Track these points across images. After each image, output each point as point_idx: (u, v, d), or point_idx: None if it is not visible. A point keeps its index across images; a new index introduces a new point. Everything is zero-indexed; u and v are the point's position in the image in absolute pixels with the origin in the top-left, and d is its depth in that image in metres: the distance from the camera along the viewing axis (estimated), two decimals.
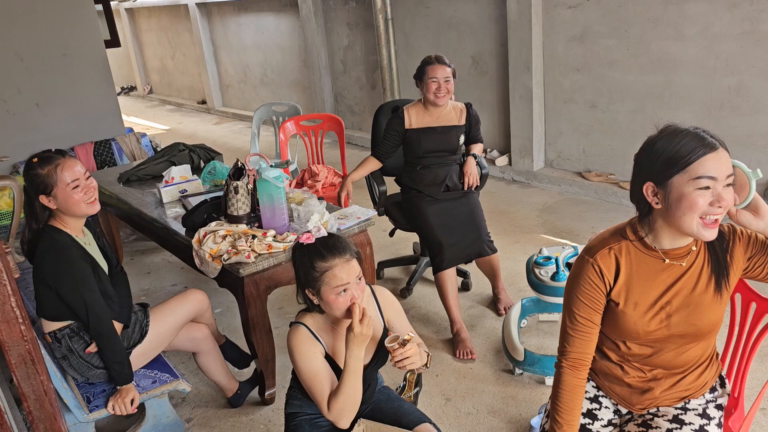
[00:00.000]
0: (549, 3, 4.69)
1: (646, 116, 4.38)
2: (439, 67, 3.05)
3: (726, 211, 1.38)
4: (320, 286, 1.70)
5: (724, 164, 1.35)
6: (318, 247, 1.71)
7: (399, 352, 1.69)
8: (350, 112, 7.18)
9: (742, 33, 3.77)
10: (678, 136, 1.39)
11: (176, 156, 3.66)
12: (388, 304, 1.94)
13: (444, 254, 2.98)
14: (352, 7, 6.50)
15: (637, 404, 1.64)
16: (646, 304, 1.52)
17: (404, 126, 3.17)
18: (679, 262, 1.50)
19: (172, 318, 2.42)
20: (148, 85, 11.44)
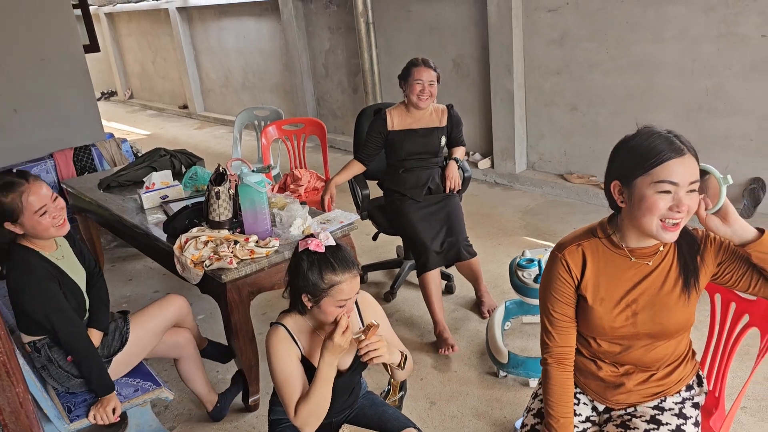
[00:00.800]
0: (529, 6, 4.72)
1: (626, 118, 4.43)
2: (424, 70, 3.06)
3: (688, 216, 1.40)
4: (324, 297, 1.70)
5: (688, 170, 1.37)
6: (329, 258, 1.70)
7: (364, 343, 1.69)
8: (332, 115, 7.17)
9: (718, 35, 3.82)
10: (649, 138, 1.41)
11: (157, 161, 3.63)
12: (368, 307, 1.94)
13: (428, 255, 2.98)
14: (333, 11, 6.50)
15: (611, 398, 1.66)
16: (613, 301, 1.55)
17: (387, 128, 3.17)
18: (645, 261, 1.53)
19: (153, 324, 2.38)
20: (128, 90, 11.34)
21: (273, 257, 2.46)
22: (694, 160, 1.39)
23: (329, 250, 1.72)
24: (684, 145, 1.39)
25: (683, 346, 1.64)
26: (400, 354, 1.84)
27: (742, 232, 1.41)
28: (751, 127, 3.84)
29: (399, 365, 1.83)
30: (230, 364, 2.85)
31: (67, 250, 2.29)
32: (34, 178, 2.13)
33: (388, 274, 3.77)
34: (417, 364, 2.87)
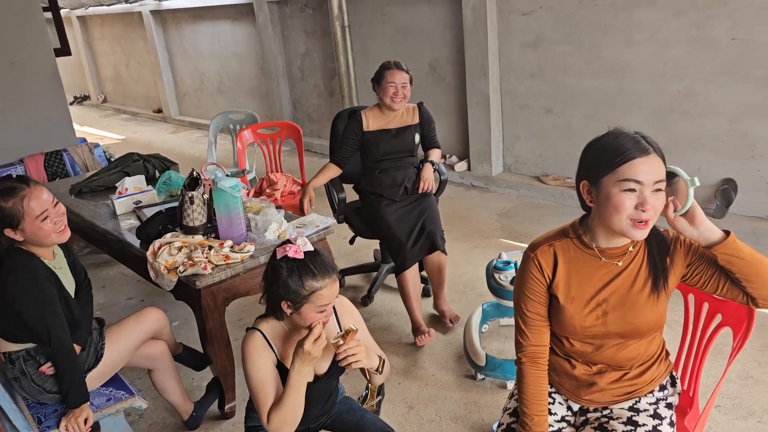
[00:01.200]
0: (503, 10, 4.75)
1: (600, 121, 4.47)
2: (397, 73, 3.07)
3: (655, 215, 1.42)
4: (304, 303, 1.68)
5: (653, 170, 1.39)
6: (308, 265, 1.68)
7: (343, 348, 1.68)
8: (309, 119, 7.14)
9: (689, 39, 3.88)
10: (616, 138, 1.43)
11: (130, 166, 3.58)
12: (346, 311, 1.92)
13: (405, 253, 2.98)
14: (309, 15, 6.47)
15: (585, 397, 1.67)
16: (583, 300, 1.57)
17: (362, 128, 3.17)
18: (615, 261, 1.55)
19: (129, 340, 2.32)
20: (101, 94, 11.18)
21: (248, 262, 2.43)
22: (660, 160, 1.41)
23: (308, 256, 1.70)
24: (650, 145, 1.41)
25: (655, 345, 1.65)
26: (378, 358, 1.83)
27: (709, 234, 1.43)
28: (722, 128, 3.91)
29: (377, 369, 1.82)
30: (206, 371, 2.81)
31: (62, 261, 2.24)
32: (34, 182, 2.09)
33: (366, 277, 3.76)
34: (395, 368, 2.86)
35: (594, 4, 4.24)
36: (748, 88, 3.73)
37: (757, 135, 3.78)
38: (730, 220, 3.90)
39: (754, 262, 1.43)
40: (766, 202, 3.86)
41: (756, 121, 3.76)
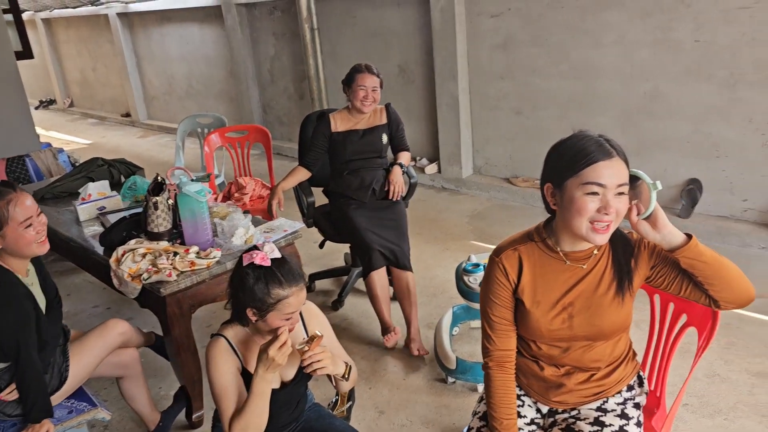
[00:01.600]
0: (472, 12, 4.76)
1: (569, 122, 4.51)
2: (368, 76, 3.06)
3: (618, 218, 1.42)
4: (270, 311, 1.66)
5: (615, 173, 1.39)
6: (275, 272, 1.65)
7: (308, 354, 1.66)
8: (279, 122, 7.09)
9: (654, 41, 3.93)
10: (579, 141, 1.43)
11: (94, 171, 3.50)
12: (312, 316, 1.90)
13: (372, 254, 2.94)
14: (278, 17, 6.43)
15: (553, 398, 1.67)
16: (549, 303, 1.56)
17: (330, 129, 3.15)
18: (580, 264, 1.55)
19: (91, 357, 2.24)
20: (68, 98, 10.97)
21: (215, 268, 2.39)
22: (623, 163, 1.41)
23: (275, 263, 1.68)
24: (614, 148, 1.41)
25: (622, 346, 1.65)
26: (344, 365, 1.80)
27: (671, 238, 1.43)
28: (687, 129, 3.96)
29: (343, 376, 1.80)
30: (173, 380, 2.76)
31: (35, 277, 2.16)
32: (20, 188, 2.03)
33: (336, 282, 3.73)
34: (365, 373, 2.84)
35: (561, 6, 4.27)
36: (711, 89, 3.79)
37: (720, 135, 3.84)
38: (695, 220, 3.96)
39: (716, 266, 1.44)
40: (730, 202, 3.93)
41: (719, 122, 3.82)
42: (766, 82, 3.58)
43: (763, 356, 2.73)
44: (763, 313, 3.04)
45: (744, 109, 3.71)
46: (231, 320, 1.81)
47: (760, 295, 1.48)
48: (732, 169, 3.86)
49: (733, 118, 3.76)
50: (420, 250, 4.02)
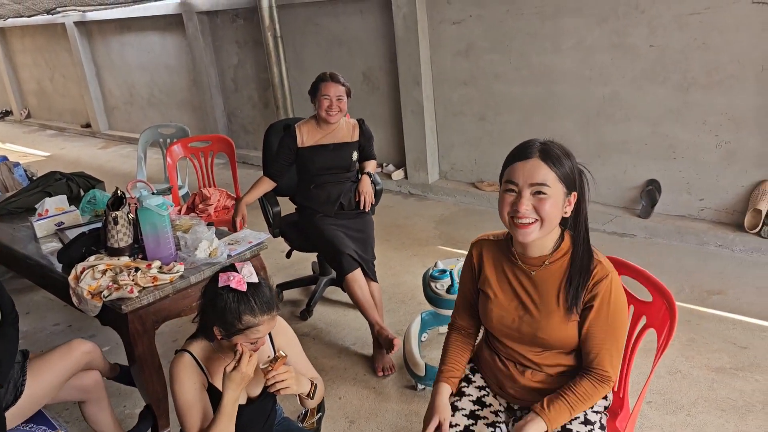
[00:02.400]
0: (434, 19, 4.80)
1: (531, 126, 4.57)
2: (332, 85, 3.03)
3: (544, 220, 1.51)
4: (237, 334, 1.64)
5: (528, 173, 1.50)
6: (250, 299, 1.63)
7: (271, 374, 1.64)
8: (244, 131, 7.03)
9: (611, 46, 4.02)
10: (519, 145, 1.56)
11: (52, 186, 3.42)
12: (281, 332, 1.89)
13: (344, 257, 2.90)
14: (240, 25, 6.38)
15: (509, 390, 1.73)
16: (504, 299, 1.66)
17: (296, 144, 3.12)
18: (530, 270, 1.62)
19: (53, 376, 2.15)
20: (25, 110, 10.71)
21: (178, 283, 2.35)
22: (544, 165, 1.49)
23: (251, 289, 1.66)
24: (541, 151, 1.50)
25: (576, 359, 1.67)
26: (309, 383, 1.79)
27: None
28: (645, 131, 4.06)
29: (308, 395, 1.79)
30: (138, 398, 2.70)
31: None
32: None
33: (304, 291, 3.71)
34: (335, 383, 2.83)
35: (521, 13, 4.33)
36: (667, 92, 3.88)
37: (676, 137, 3.94)
38: (655, 220, 4.05)
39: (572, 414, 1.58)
40: (688, 202, 4.03)
41: (675, 124, 3.92)
42: (717, 85, 3.69)
43: (721, 352, 2.80)
44: (721, 309, 3.13)
45: (698, 112, 3.81)
46: (197, 334, 1.79)
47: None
48: (688, 169, 3.96)
49: (687, 121, 3.86)
50: (388, 256, 4.02)
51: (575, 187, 1.55)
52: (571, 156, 1.55)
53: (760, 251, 3.64)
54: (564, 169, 1.51)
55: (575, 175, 1.54)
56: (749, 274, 3.47)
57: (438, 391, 1.71)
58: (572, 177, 1.53)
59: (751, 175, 3.75)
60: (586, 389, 1.57)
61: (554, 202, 1.50)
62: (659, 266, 3.63)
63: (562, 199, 1.53)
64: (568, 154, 1.54)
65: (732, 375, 2.65)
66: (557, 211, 1.52)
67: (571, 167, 1.53)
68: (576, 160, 1.58)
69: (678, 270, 3.58)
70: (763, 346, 2.81)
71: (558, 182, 1.50)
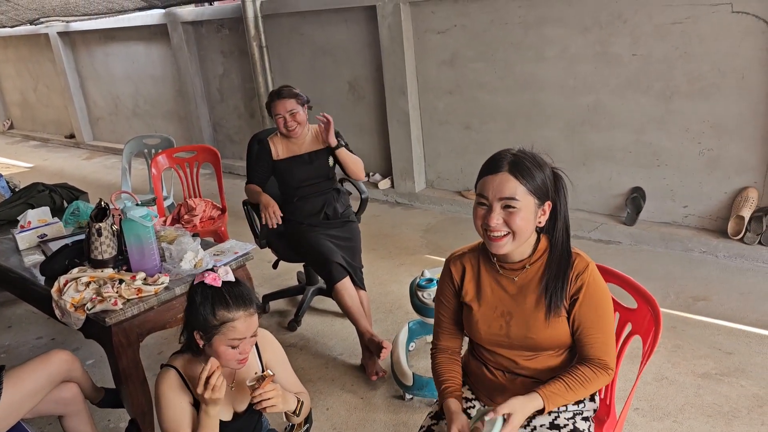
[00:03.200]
0: (419, 28, 4.82)
1: (516, 134, 4.60)
2: (280, 103, 3.02)
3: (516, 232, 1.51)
4: (215, 334, 1.62)
5: (497, 187, 1.50)
6: (224, 294, 1.63)
7: (258, 392, 1.63)
8: (230, 141, 7.01)
9: (594, 55, 4.05)
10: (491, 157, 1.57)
11: (34, 197, 3.38)
12: (268, 346, 1.87)
13: (333, 266, 2.89)
14: (225, 35, 6.37)
15: (499, 398, 1.70)
16: (488, 308, 1.65)
17: (272, 158, 3.12)
18: (512, 276, 1.63)
19: (31, 384, 2.11)
20: (8, 121, 10.61)
21: (163, 294, 2.33)
22: (512, 178, 1.49)
23: (226, 286, 1.65)
24: (508, 164, 1.50)
25: (566, 360, 1.68)
26: (296, 400, 1.78)
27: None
28: (629, 139, 4.09)
29: (294, 412, 1.77)
30: (122, 411, 2.67)
31: None
32: None
33: (291, 302, 3.69)
34: (322, 393, 2.81)
35: (505, 22, 4.37)
36: (650, 101, 3.92)
37: (660, 145, 3.98)
38: (640, 227, 4.08)
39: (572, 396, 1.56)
40: (672, 209, 4.06)
41: (658, 132, 3.96)
42: (699, 93, 3.73)
43: (707, 357, 2.82)
44: (706, 315, 3.15)
45: (680, 120, 3.85)
46: (182, 350, 1.77)
47: None
48: (672, 177, 4.00)
49: (670, 129, 3.90)
50: (375, 266, 4.01)
51: (548, 196, 1.55)
52: (543, 166, 1.54)
53: (744, 257, 3.68)
54: (535, 181, 1.50)
55: (548, 186, 1.54)
56: (733, 280, 3.50)
57: (449, 408, 1.66)
58: (544, 188, 1.53)
59: (733, 182, 3.79)
60: (585, 374, 1.56)
61: (525, 215, 1.50)
62: (645, 273, 3.65)
63: (534, 211, 1.52)
64: (539, 165, 1.53)
65: (718, 381, 2.66)
66: (528, 223, 1.52)
67: (543, 178, 1.52)
68: (550, 166, 1.57)
69: (663, 276, 3.61)
70: (748, 352, 2.84)
71: (528, 195, 1.50)
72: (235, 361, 1.67)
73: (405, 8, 4.76)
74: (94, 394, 2.45)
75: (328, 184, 3.18)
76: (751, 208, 3.66)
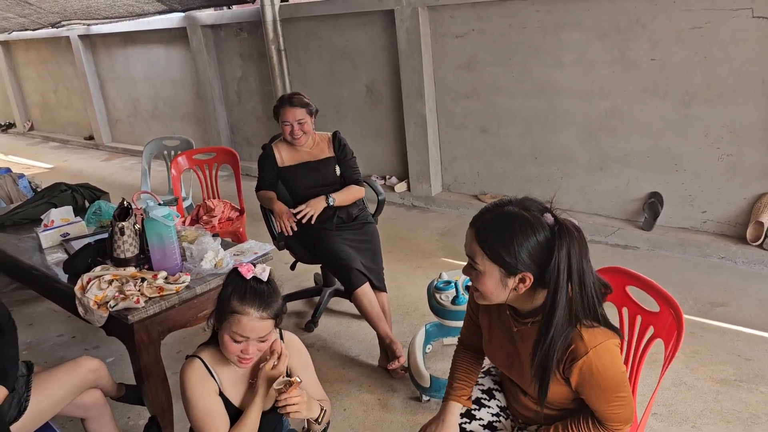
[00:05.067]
0: (437, 33, 4.84)
1: (533, 139, 4.60)
2: (289, 110, 3.03)
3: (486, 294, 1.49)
4: (223, 321, 1.67)
5: (467, 241, 1.50)
6: (246, 287, 1.67)
7: (284, 396, 1.65)
8: (247, 143, 7.06)
9: (612, 60, 4.05)
10: None
11: (57, 197, 3.43)
12: (294, 351, 1.89)
13: (352, 272, 2.90)
14: (244, 39, 6.43)
15: (513, 404, 1.75)
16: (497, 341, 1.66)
17: (277, 165, 3.14)
18: (514, 326, 1.59)
19: (59, 392, 2.14)
20: (28, 122, 10.75)
21: (184, 293, 2.36)
22: (475, 241, 1.47)
23: (253, 281, 1.68)
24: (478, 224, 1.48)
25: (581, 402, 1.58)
26: (319, 408, 1.79)
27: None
28: (647, 145, 4.08)
29: (317, 420, 1.79)
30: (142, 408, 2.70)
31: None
32: None
33: (308, 303, 3.71)
34: (340, 394, 2.82)
35: (523, 26, 4.37)
36: (668, 106, 3.91)
37: (678, 150, 3.96)
38: (657, 232, 4.06)
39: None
40: (690, 214, 4.04)
41: (676, 137, 3.94)
42: (718, 98, 3.72)
43: (725, 363, 2.80)
44: (725, 321, 3.13)
45: (699, 125, 3.83)
46: (209, 341, 1.80)
47: None
48: (690, 182, 3.98)
49: (689, 134, 3.89)
50: (392, 268, 4.02)
51: (524, 269, 1.39)
52: (519, 234, 1.37)
53: (763, 263, 3.65)
54: (496, 252, 1.39)
55: (522, 259, 1.37)
56: (752, 286, 3.47)
57: (447, 410, 1.70)
58: (513, 261, 1.38)
59: (752, 188, 3.77)
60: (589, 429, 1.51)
61: (487, 281, 1.44)
62: (662, 278, 3.62)
63: (499, 279, 1.41)
64: (513, 233, 1.37)
65: (737, 387, 2.64)
66: (495, 289, 1.43)
67: (514, 251, 1.37)
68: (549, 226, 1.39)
69: (681, 282, 3.59)
70: (767, 358, 2.81)
71: (488, 262, 1.41)
72: (236, 357, 1.69)
73: (423, 12, 4.78)
74: (115, 392, 2.49)
75: (335, 189, 3.18)
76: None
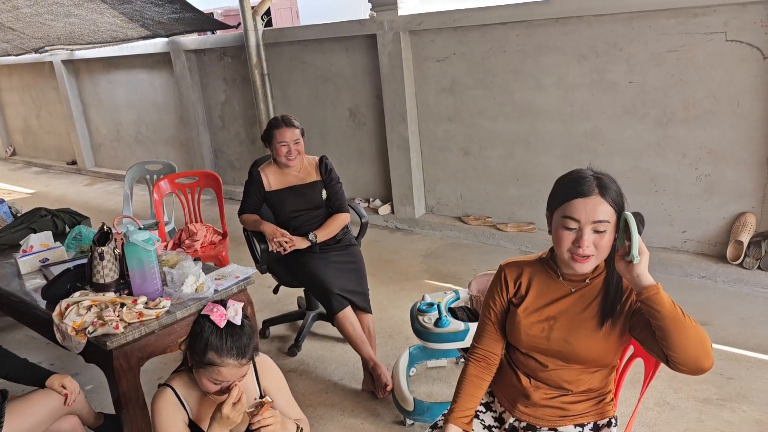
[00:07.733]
0: (419, 56, 4.90)
1: (515, 161, 4.64)
2: (287, 130, 3.05)
3: (599, 253, 1.52)
4: (201, 368, 1.65)
5: (590, 211, 1.50)
6: (221, 338, 1.64)
7: (257, 419, 1.63)
8: (231, 167, 7.05)
9: (591, 82, 4.11)
10: (569, 177, 1.58)
11: (37, 222, 3.41)
12: (267, 372, 1.88)
13: (333, 296, 2.91)
14: (228, 63, 6.46)
15: (520, 406, 1.74)
16: (533, 309, 1.67)
17: (264, 189, 3.14)
18: (570, 287, 1.64)
19: (32, 419, 2.12)
20: (10, 147, 10.67)
21: (164, 318, 2.34)
22: (604, 202, 1.50)
23: (228, 328, 1.66)
24: (600, 188, 1.51)
25: (598, 381, 1.69)
26: (295, 426, 1.78)
27: (639, 280, 1.45)
28: (627, 165, 4.13)
29: None
30: None
31: None
32: None
33: (291, 327, 3.69)
34: (323, 419, 2.79)
35: (503, 50, 4.44)
36: (647, 127, 3.97)
37: (657, 171, 4.01)
38: None
39: (672, 322, 1.41)
40: (670, 234, 4.08)
41: (655, 158, 4.00)
42: (695, 119, 3.78)
43: (708, 383, 2.81)
44: None
45: (677, 146, 3.89)
46: (181, 366, 1.79)
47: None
48: (670, 202, 4.03)
49: (667, 155, 3.94)
50: (375, 291, 4.00)
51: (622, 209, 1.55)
52: (615, 181, 1.57)
53: (743, 282, 3.69)
54: (619, 200, 1.53)
55: (622, 200, 1.55)
56: (733, 305, 3.50)
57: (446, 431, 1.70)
58: (621, 203, 1.54)
59: (731, 208, 3.82)
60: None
61: (611, 234, 1.52)
62: None
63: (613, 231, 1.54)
64: (614, 181, 1.57)
65: (719, 406, 2.65)
66: (611, 242, 1.54)
67: (617, 192, 1.54)
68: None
69: None
70: (749, 377, 2.83)
71: (614, 215, 1.52)
72: (215, 393, 1.69)
73: (405, 37, 4.84)
74: (93, 421, 2.44)
75: (321, 212, 3.19)
76: (749, 233, 3.68)
